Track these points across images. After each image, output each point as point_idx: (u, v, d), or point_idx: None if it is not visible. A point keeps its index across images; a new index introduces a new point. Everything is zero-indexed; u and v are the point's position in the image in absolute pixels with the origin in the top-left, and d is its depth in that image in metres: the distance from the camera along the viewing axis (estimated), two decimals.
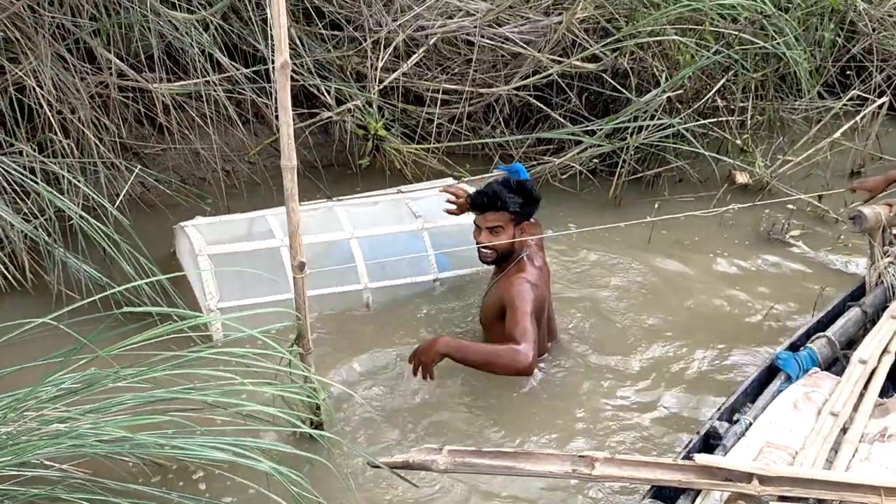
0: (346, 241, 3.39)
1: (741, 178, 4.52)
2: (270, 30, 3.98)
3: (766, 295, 3.65)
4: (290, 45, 4.19)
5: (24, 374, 2.09)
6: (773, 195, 4.30)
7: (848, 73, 5.35)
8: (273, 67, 3.71)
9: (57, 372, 1.95)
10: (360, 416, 2.81)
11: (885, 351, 2.72)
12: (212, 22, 3.85)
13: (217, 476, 2.29)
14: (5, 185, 3.28)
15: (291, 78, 4.13)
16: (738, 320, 3.50)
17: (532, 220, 3.10)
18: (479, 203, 2.99)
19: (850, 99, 4.96)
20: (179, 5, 3.71)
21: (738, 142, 4.53)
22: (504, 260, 3.04)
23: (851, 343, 2.88)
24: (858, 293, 3.11)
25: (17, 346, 2.05)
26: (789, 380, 2.63)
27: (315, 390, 2.51)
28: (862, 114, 4.65)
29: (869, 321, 2.96)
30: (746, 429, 2.40)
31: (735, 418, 2.44)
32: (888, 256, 3.10)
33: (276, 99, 2.19)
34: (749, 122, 4.57)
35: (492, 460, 2.18)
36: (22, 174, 3.26)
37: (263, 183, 4.16)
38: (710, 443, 2.35)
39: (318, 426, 2.59)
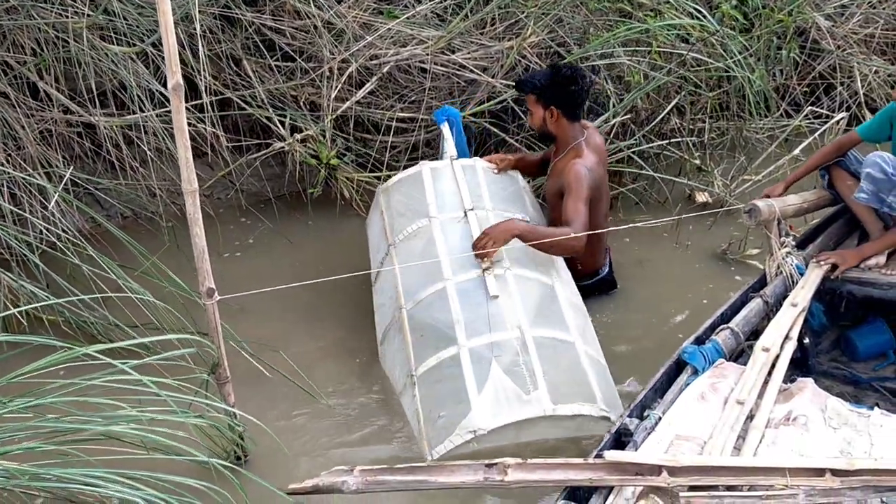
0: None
1: (701, 197, 4.47)
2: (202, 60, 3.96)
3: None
4: (243, 77, 4.24)
5: None
6: (732, 214, 4.25)
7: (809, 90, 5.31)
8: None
9: None
10: (274, 449, 2.67)
11: (786, 338, 2.76)
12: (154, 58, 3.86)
13: None
14: None
15: (243, 108, 4.16)
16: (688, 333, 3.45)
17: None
18: (516, 88, 3.50)
19: (817, 116, 4.92)
20: (118, 40, 3.72)
21: (696, 161, 4.48)
22: (548, 139, 3.42)
23: (756, 333, 2.87)
24: (759, 285, 3.11)
25: None
26: (696, 373, 2.61)
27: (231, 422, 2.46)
28: (821, 130, 4.60)
29: (771, 311, 2.96)
30: (656, 423, 2.40)
31: (645, 414, 2.43)
32: (785, 247, 3.15)
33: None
34: (707, 141, 4.52)
35: (404, 476, 2.12)
36: None
37: (217, 216, 4.14)
38: (621, 440, 2.33)
39: (238, 458, 2.52)
